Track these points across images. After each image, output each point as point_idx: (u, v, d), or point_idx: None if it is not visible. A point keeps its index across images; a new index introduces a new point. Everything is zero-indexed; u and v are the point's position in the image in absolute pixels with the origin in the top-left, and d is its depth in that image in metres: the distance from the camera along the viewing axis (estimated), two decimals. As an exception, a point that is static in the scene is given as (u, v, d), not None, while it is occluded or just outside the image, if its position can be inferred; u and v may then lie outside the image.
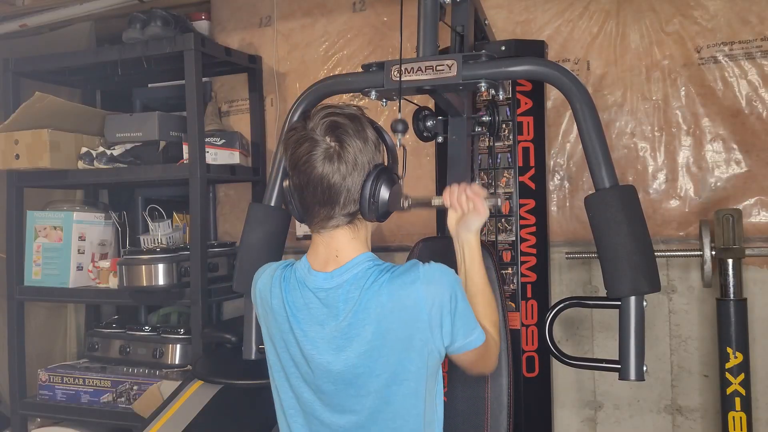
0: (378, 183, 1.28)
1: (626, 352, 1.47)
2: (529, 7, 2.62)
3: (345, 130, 1.27)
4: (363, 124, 1.31)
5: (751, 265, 2.35)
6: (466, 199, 1.42)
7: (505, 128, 2.20)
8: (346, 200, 1.27)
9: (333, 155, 1.25)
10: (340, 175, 1.26)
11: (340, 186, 1.26)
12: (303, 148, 1.26)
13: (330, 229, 1.31)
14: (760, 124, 2.35)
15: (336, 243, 1.32)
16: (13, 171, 2.85)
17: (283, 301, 1.34)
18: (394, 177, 1.33)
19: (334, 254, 1.32)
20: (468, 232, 1.45)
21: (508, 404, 1.61)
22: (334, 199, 1.27)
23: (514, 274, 2.19)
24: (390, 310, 1.24)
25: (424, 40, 1.69)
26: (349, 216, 1.30)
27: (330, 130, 1.26)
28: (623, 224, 1.46)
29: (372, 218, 1.31)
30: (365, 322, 1.25)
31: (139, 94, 3.21)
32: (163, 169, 2.72)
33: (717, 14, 2.39)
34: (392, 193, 1.31)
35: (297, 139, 1.28)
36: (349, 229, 1.32)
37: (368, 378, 1.28)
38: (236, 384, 2.30)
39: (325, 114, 1.28)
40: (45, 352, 3.15)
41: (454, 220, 1.46)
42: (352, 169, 1.26)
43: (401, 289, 1.25)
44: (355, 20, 2.89)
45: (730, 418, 2.17)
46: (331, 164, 1.25)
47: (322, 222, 1.30)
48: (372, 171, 1.29)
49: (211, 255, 2.70)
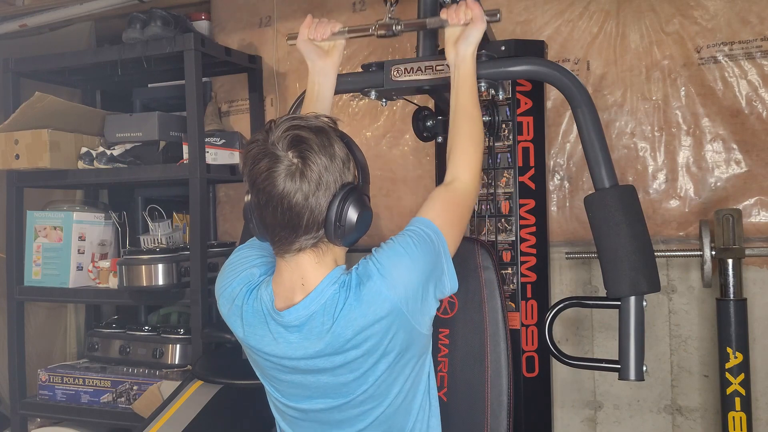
0: (345, 204, 1.18)
1: (626, 352, 1.47)
2: (529, 7, 2.62)
3: (309, 145, 1.17)
4: (330, 138, 1.20)
5: (751, 265, 2.35)
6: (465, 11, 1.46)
7: (505, 128, 2.20)
8: (309, 222, 1.17)
9: (295, 173, 1.15)
10: (303, 194, 1.15)
11: (302, 207, 1.16)
12: (263, 164, 1.16)
13: (293, 254, 1.22)
14: (760, 124, 2.35)
15: (301, 270, 1.23)
16: (13, 171, 2.85)
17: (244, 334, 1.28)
18: (364, 198, 1.23)
19: (299, 282, 1.23)
20: (467, 45, 1.47)
21: (508, 404, 1.61)
22: (296, 221, 1.17)
23: (514, 274, 2.19)
24: (371, 328, 1.19)
25: (423, 40, 1.70)
26: (312, 239, 1.20)
27: (293, 144, 1.16)
28: (623, 224, 1.46)
29: (338, 243, 1.22)
30: (348, 347, 1.21)
31: (139, 94, 3.21)
32: (163, 169, 2.72)
33: (717, 14, 2.39)
34: (361, 216, 1.20)
35: (256, 153, 1.18)
36: (313, 254, 1.22)
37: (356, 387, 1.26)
38: (236, 384, 2.30)
39: (288, 127, 1.18)
40: (45, 352, 3.15)
41: (453, 41, 1.49)
42: (315, 188, 1.16)
43: (372, 306, 1.19)
44: (355, 20, 2.89)
45: (730, 418, 2.17)
46: (293, 183, 1.15)
47: (284, 246, 1.21)
48: (339, 191, 1.19)
49: (211, 255, 2.70)
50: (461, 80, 1.47)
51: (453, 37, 1.50)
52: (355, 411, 1.28)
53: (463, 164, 1.39)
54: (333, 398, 1.27)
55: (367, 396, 1.26)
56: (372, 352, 1.22)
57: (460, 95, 1.46)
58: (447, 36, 1.51)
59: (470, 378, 1.63)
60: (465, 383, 1.66)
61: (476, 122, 1.44)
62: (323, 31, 1.59)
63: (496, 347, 1.63)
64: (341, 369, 1.23)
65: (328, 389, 1.26)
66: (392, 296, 1.19)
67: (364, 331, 1.19)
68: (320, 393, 1.27)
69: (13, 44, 3.27)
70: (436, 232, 1.26)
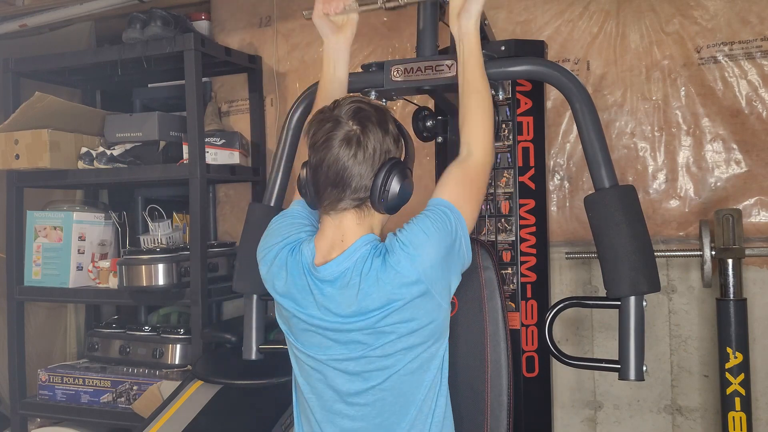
0: (391, 174, 1.30)
1: (626, 352, 1.47)
2: (529, 7, 2.62)
3: (369, 117, 1.30)
4: (387, 117, 1.34)
5: (751, 265, 2.35)
6: None
7: (505, 128, 2.20)
8: (358, 186, 1.29)
9: (352, 138, 1.28)
10: (356, 159, 1.28)
11: (353, 170, 1.28)
12: (325, 128, 1.30)
13: (339, 212, 1.33)
14: (760, 124, 2.35)
15: (343, 226, 1.34)
16: (13, 171, 2.85)
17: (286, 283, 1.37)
18: (407, 171, 1.35)
19: (339, 238, 1.34)
20: (469, 18, 1.48)
21: (508, 404, 1.60)
22: (346, 182, 1.29)
23: (514, 274, 2.19)
24: (394, 294, 1.27)
25: (423, 40, 1.69)
26: (358, 201, 1.32)
27: (354, 114, 1.29)
28: (623, 224, 1.46)
29: (380, 209, 1.33)
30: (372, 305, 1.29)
31: (139, 94, 3.21)
32: (163, 169, 2.72)
33: (717, 14, 2.39)
34: (403, 187, 1.32)
35: (321, 119, 1.31)
36: (356, 214, 1.33)
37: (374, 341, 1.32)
38: (236, 384, 2.31)
39: (353, 101, 1.32)
40: (45, 352, 3.16)
41: (456, 13, 1.50)
42: (369, 155, 1.29)
43: (396, 274, 1.27)
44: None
45: (730, 418, 2.17)
46: (348, 147, 1.28)
47: (332, 203, 1.32)
48: (387, 162, 1.31)
49: (211, 255, 2.70)
50: (466, 56, 1.49)
51: (456, 8, 1.52)
52: (369, 366, 1.34)
53: (474, 138, 1.44)
54: (351, 350, 1.34)
55: (383, 354, 1.32)
56: (393, 317, 1.29)
57: (467, 71, 1.49)
58: (451, 7, 1.54)
59: (470, 378, 1.62)
60: (465, 383, 1.66)
61: (485, 96, 1.47)
62: (337, 4, 1.63)
63: (496, 347, 1.63)
64: (364, 330, 1.31)
65: (349, 342, 1.33)
66: (415, 271, 1.27)
67: (388, 297, 1.28)
68: (340, 344, 1.34)
69: (13, 44, 3.27)
70: (453, 209, 1.34)
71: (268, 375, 2.22)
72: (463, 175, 1.41)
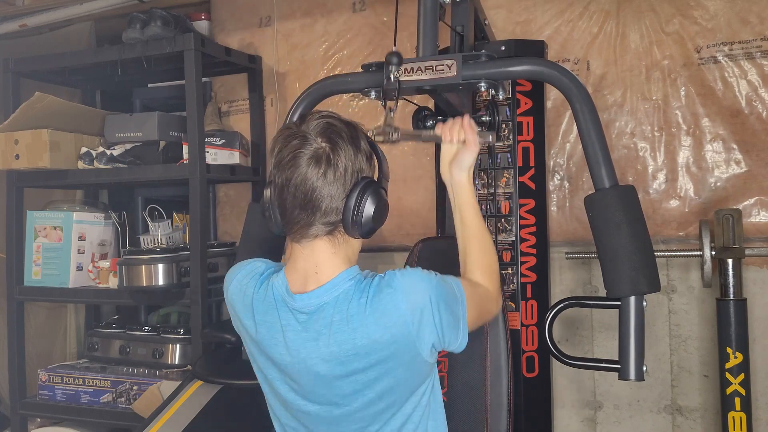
0: (365, 195, 1.21)
1: (626, 352, 1.47)
2: (529, 7, 2.62)
3: (339, 133, 1.21)
4: (359, 133, 1.26)
5: (751, 265, 2.35)
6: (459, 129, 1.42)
7: (505, 128, 2.20)
8: (328, 208, 1.19)
9: (321, 156, 1.18)
10: (326, 179, 1.18)
11: (323, 191, 1.18)
12: (291, 145, 1.19)
13: (310, 239, 1.23)
14: (760, 124, 2.35)
15: (316, 257, 1.24)
16: (13, 171, 2.85)
17: (255, 323, 1.28)
18: (381, 191, 1.25)
19: (313, 270, 1.24)
20: (461, 170, 1.44)
21: (508, 404, 1.60)
22: (315, 204, 1.18)
23: (514, 274, 2.19)
24: (380, 342, 1.19)
25: (423, 40, 1.69)
26: (329, 225, 1.21)
27: (323, 131, 1.20)
28: (623, 224, 1.46)
29: (355, 234, 1.23)
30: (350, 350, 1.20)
31: (139, 94, 3.21)
32: (163, 169, 2.72)
33: (717, 14, 2.39)
34: (378, 209, 1.23)
35: (287, 135, 1.21)
36: (329, 242, 1.23)
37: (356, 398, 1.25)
38: (236, 384, 2.30)
39: (321, 116, 1.23)
40: (45, 352, 3.15)
41: (447, 161, 1.46)
42: (340, 175, 1.19)
43: (385, 313, 1.18)
44: (355, 20, 2.89)
45: (730, 418, 2.17)
46: (317, 166, 1.17)
47: (301, 230, 1.22)
48: (360, 181, 1.21)
49: (211, 255, 2.70)
50: (463, 206, 1.44)
51: (448, 155, 1.47)
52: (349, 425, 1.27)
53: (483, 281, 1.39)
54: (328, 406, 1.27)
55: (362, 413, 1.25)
56: (375, 366, 1.21)
57: (466, 222, 1.43)
58: (442, 152, 1.49)
59: (470, 378, 1.62)
60: (465, 383, 1.66)
61: (487, 242, 1.43)
62: None
63: (496, 347, 1.63)
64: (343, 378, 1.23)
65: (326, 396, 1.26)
66: (405, 313, 1.18)
67: (373, 339, 1.19)
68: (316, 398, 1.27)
69: (13, 44, 3.27)
70: (462, 293, 1.28)
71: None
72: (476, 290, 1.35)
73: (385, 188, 1.29)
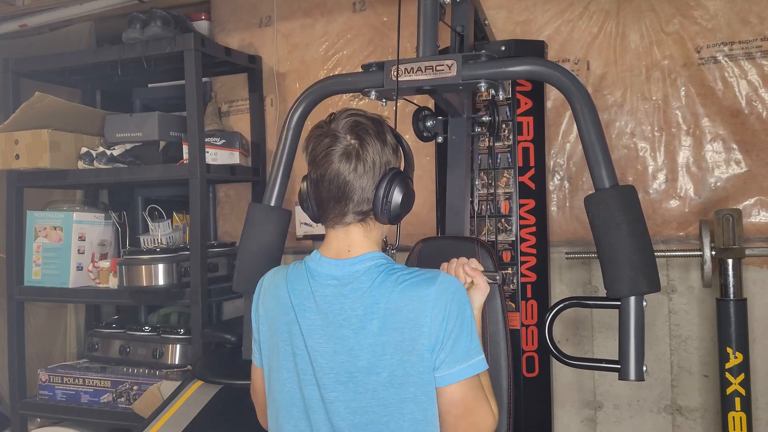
0: (392, 185, 1.31)
1: (626, 352, 1.47)
2: (529, 7, 2.62)
3: (366, 130, 1.30)
4: (384, 127, 1.34)
5: (751, 265, 2.35)
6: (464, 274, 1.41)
7: (505, 128, 2.20)
8: (360, 199, 1.30)
9: (351, 152, 1.28)
10: (357, 173, 1.28)
11: (354, 183, 1.28)
12: (323, 143, 1.30)
13: (345, 226, 1.33)
14: (760, 124, 2.35)
15: (349, 238, 1.34)
16: (13, 171, 2.85)
17: (288, 292, 1.35)
18: (408, 181, 1.35)
19: (346, 248, 1.34)
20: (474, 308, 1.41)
21: (508, 404, 1.60)
22: (348, 196, 1.29)
23: (514, 274, 2.19)
24: (399, 309, 1.24)
25: (423, 40, 1.69)
26: (361, 214, 1.32)
27: (351, 129, 1.30)
28: (623, 224, 1.46)
29: (384, 220, 1.33)
30: (373, 316, 1.26)
31: (139, 94, 3.22)
32: (163, 169, 2.72)
33: (717, 14, 2.39)
34: (405, 197, 1.32)
35: (319, 134, 1.32)
36: (362, 228, 1.34)
37: (368, 375, 1.27)
38: (236, 384, 2.30)
39: (349, 114, 1.32)
40: (45, 352, 3.16)
41: None
42: (369, 168, 1.29)
43: (414, 290, 1.25)
44: (355, 20, 2.89)
45: (730, 418, 2.17)
46: (348, 161, 1.28)
47: (336, 218, 1.33)
48: (388, 173, 1.31)
49: (211, 255, 2.70)
50: None
51: None
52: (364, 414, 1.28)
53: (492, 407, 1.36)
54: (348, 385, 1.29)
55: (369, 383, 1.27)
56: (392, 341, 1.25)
57: None
58: None
59: (470, 378, 1.62)
60: (465, 383, 1.66)
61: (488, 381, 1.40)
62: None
63: (496, 347, 1.62)
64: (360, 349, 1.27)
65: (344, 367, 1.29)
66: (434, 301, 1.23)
67: (394, 312, 1.24)
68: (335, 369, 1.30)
69: (13, 44, 3.27)
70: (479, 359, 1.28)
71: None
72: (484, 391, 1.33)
73: (411, 177, 1.39)
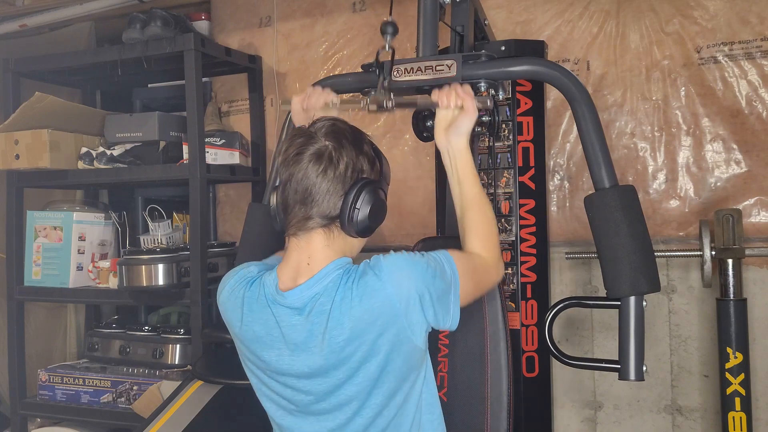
0: (362, 194, 1.24)
1: (626, 352, 1.47)
2: (529, 8, 2.62)
3: (344, 134, 1.26)
4: (363, 137, 1.30)
5: (751, 265, 2.35)
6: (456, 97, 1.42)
7: (505, 128, 2.20)
8: (327, 204, 1.24)
9: (324, 153, 1.23)
10: (326, 175, 1.22)
11: (321, 186, 1.23)
12: (297, 143, 1.25)
13: (306, 232, 1.27)
14: (760, 124, 2.35)
15: (310, 248, 1.27)
16: (13, 171, 2.85)
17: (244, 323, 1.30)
18: (380, 192, 1.29)
19: (305, 261, 1.27)
20: (459, 135, 1.44)
21: (508, 404, 1.60)
22: (314, 199, 1.23)
23: (514, 274, 2.19)
24: (365, 321, 1.21)
25: (423, 40, 1.69)
26: (326, 220, 1.25)
27: (329, 131, 1.26)
28: (623, 224, 1.46)
29: (350, 231, 1.26)
30: (340, 336, 1.22)
31: (139, 94, 3.22)
32: (163, 169, 2.72)
33: (717, 14, 2.39)
34: (375, 208, 1.26)
35: (294, 134, 1.28)
36: (324, 235, 1.27)
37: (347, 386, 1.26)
38: (236, 384, 2.30)
39: (330, 119, 1.29)
40: (45, 352, 3.16)
41: (443, 127, 1.46)
42: (340, 173, 1.23)
43: (371, 298, 1.21)
44: (355, 20, 2.89)
45: (730, 418, 2.17)
46: (318, 162, 1.23)
47: (298, 223, 1.26)
48: (359, 181, 1.25)
49: (211, 255, 2.70)
50: (461, 173, 1.44)
51: (444, 121, 1.46)
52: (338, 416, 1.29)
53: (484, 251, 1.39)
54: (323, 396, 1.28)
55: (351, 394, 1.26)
56: (365, 348, 1.22)
57: (464, 188, 1.43)
58: (438, 119, 1.48)
59: (470, 378, 1.62)
60: (465, 383, 1.66)
61: (487, 210, 1.42)
62: (316, 100, 1.55)
63: (496, 347, 1.62)
64: (335, 368, 1.25)
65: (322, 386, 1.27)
66: (390, 293, 1.20)
67: (359, 326, 1.21)
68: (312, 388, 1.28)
69: (13, 44, 3.27)
70: (453, 270, 1.28)
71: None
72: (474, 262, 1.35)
73: (384, 190, 1.32)
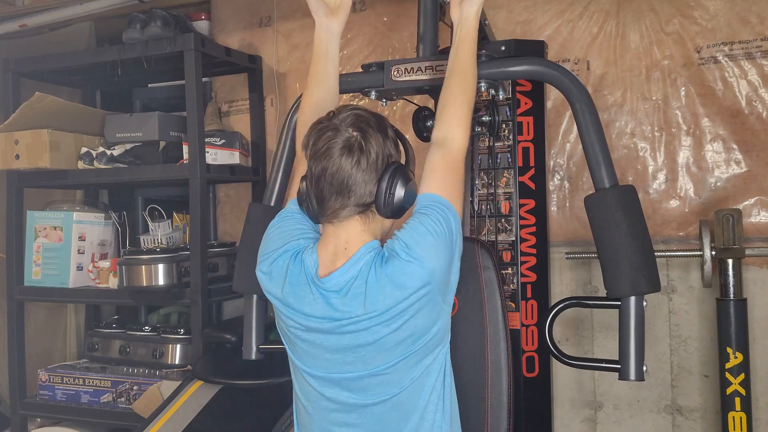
0: (395, 179, 1.29)
1: (626, 352, 1.47)
2: (529, 7, 2.62)
3: (368, 122, 1.29)
4: (385, 122, 1.34)
5: (751, 265, 2.35)
6: None
7: (505, 128, 2.20)
8: (362, 192, 1.28)
9: (354, 145, 1.27)
10: (359, 166, 1.27)
11: (357, 177, 1.27)
12: (325, 137, 1.28)
13: (342, 220, 1.31)
14: (760, 124, 2.35)
15: (346, 234, 1.31)
16: (13, 171, 2.85)
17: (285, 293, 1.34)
18: (410, 174, 1.34)
19: (343, 246, 1.31)
20: (471, 4, 1.49)
21: (508, 404, 1.60)
22: (351, 189, 1.27)
23: (514, 274, 2.19)
24: (397, 299, 1.25)
25: (423, 40, 1.70)
26: (362, 206, 1.30)
27: (353, 122, 1.29)
28: (623, 224, 1.46)
29: (386, 214, 1.31)
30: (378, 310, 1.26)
31: (139, 94, 3.22)
32: (163, 169, 2.72)
33: (717, 14, 2.39)
34: (408, 191, 1.31)
35: (320, 129, 1.30)
36: (360, 221, 1.31)
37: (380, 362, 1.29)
38: (236, 384, 2.30)
39: (350, 109, 1.32)
40: (45, 352, 3.16)
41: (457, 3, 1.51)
42: (372, 161, 1.28)
43: (401, 276, 1.25)
44: (355, 20, 2.89)
45: (730, 418, 2.17)
46: (351, 154, 1.26)
47: (335, 212, 1.30)
48: (389, 166, 1.30)
49: (211, 255, 2.70)
50: (462, 38, 1.49)
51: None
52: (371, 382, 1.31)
53: (456, 122, 1.43)
54: (351, 368, 1.31)
55: (385, 367, 1.30)
56: (398, 322, 1.26)
57: (459, 53, 1.48)
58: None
59: (470, 378, 1.62)
60: (465, 383, 1.66)
61: (470, 80, 1.47)
62: None
63: (496, 347, 1.62)
64: (369, 345, 1.28)
65: (349, 357, 1.31)
66: (421, 275, 1.25)
67: (393, 302, 1.25)
68: (339, 362, 1.31)
69: (13, 44, 3.27)
70: (448, 205, 1.33)
71: (268, 375, 2.22)
72: (447, 164, 1.40)
73: (413, 171, 1.37)
